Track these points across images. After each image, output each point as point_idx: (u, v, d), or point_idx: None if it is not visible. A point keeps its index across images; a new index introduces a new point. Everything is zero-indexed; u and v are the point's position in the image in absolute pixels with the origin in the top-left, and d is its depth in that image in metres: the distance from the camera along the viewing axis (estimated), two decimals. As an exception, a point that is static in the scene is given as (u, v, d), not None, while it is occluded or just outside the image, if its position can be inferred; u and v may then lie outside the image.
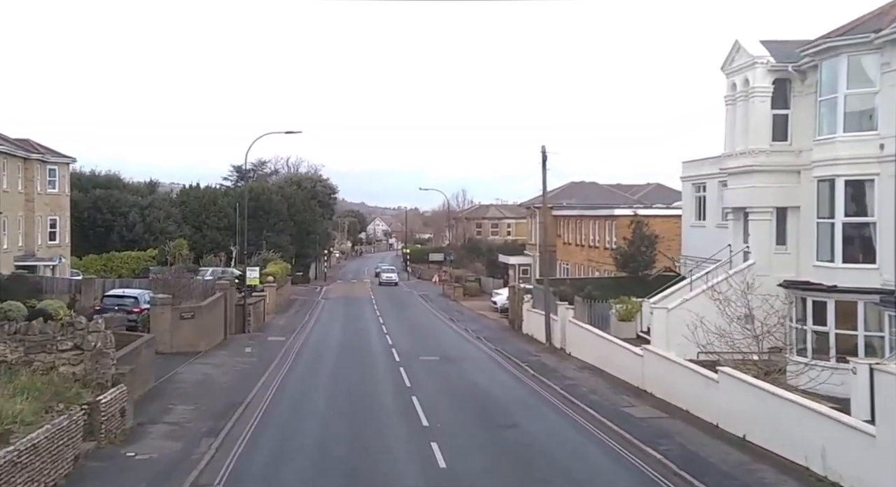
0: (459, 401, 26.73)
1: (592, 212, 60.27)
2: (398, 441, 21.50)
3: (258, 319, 49.80)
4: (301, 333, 46.92)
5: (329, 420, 23.97)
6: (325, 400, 27.13)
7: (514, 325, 48.29)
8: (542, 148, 39.65)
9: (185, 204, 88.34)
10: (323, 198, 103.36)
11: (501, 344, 41.57)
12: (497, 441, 21.55)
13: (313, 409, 25.52)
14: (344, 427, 23.20)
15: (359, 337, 45.29)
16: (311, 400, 27.04)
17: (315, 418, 24.30)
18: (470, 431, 22.52)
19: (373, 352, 39.16)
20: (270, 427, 22.98)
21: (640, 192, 72.87)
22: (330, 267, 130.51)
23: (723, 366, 24.44)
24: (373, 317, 57.67)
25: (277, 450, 20.31)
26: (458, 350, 40.40)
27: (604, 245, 56.85)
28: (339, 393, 28.25)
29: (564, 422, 23.98)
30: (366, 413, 24.98)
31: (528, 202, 74.42)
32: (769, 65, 30.98)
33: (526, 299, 44.99)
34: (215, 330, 40.06)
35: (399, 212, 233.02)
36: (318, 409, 25.55)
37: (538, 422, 23.89)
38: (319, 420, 24.07)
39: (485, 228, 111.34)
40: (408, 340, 43.62)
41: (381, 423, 23.73)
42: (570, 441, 21.76)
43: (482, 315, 59.33)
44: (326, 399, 27.28)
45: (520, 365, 34.31)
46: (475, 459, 19.63)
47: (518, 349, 39.25)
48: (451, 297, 73.87)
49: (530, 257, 72.38)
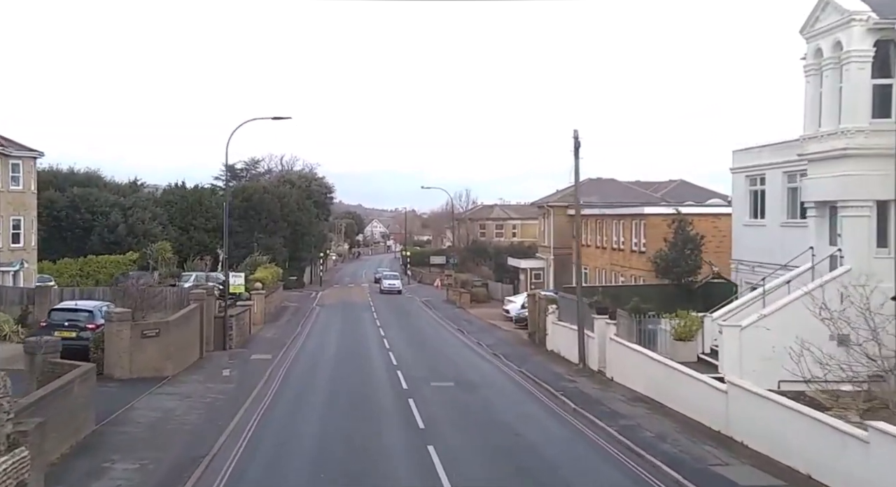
0: (490, 457, 20.04)
1: (617, 210, 53.91)
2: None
3: (242, 332, 43.33)
4: (291, 349, 40.44)
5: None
6: (314, 453, 20.51)
7: (534, 339, 41.88)
8: (574, 133, 33.20)
9: (171, 204, 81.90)
10: (319, 198, 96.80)
11: (524, 363, 35.12)
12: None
13: (297, 469, 18.94)
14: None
15: (357, 355, 38.82)
16: (294, 452, 20.46)
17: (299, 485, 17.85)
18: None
19: (374, 376, 32.65)
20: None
21: (664, 189, 66.55)
22: (326, 270, 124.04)
23: (844, 410, 18.14)
24: (372, 328, 51.22)
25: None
26: (475, 371, 33.94)
27: (630, 247, 50.48)
28: (332, 442, 21.55)
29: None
30: (368, 479, 18.39)
31: (541, 200, 68.03)
32: (870, 23, 24.61)
33: (550, 310, 38.54)
34: (187, 349, 33.57)
35: (397, 214, 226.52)
36: (302, 469, 18.97)
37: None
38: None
39: (489, 229, 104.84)
40: (415, 358, 37.20)
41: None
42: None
43: (494, 325, 52.87)
44: (315, 452, 20.64)
45: (554, 395, 27.80)
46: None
47: (546, 371, 32.76)
48: (457, 304, 67.40)
49: (543, 260, 65.93)
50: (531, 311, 42.67)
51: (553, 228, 63.19)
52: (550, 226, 63.90)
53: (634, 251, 49.45)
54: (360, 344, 42.89)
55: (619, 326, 30.05)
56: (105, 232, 70.77)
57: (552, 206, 62.97)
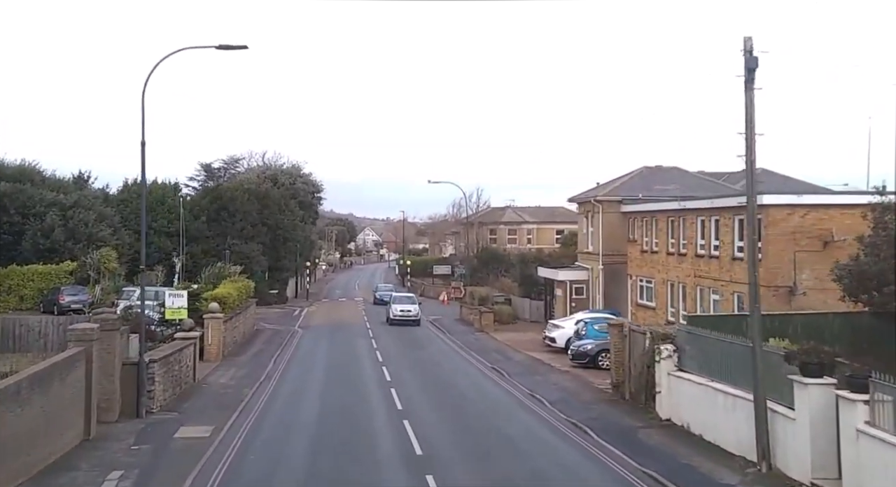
0: None
1: (704, 203, 38.75)
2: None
3: (180, 380, 28.10)
4: (248, 412, 25.04)
5: None
6: None
7: (622, 393, 26.73)
8: (746, 41, 17.98)
9: (126, 203, 66.43)
10: (305, 198, 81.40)
11: (640, 451, 19.88)
12: None
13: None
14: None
15: (353, 425, 23.44)
16: None
17: None
18: None
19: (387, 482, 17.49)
20: None
21: (742, 180, 51.48)
22: (314, 281, 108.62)
23: None
24: (373, 366, 35.89)
25: None
26: (562, 471, 18.70)
27: (732, 252, 35.27)
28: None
29: None
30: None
31: (582, 194, 52.74)
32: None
33: (664, 352, 23.26)
34: (46, 435, 18.21)
35: (389, 223, 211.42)
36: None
37: None
38: None
39: (500, 234, 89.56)
40: (449, 435, 21.95)
41: None
42: None
43: (539, 361, 37.61)
44: None
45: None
46: None
47: (698, 480, 17.60)
48: (477, 326, 52.09)
49: (586, 271, 50.69)
50: (618, 350, 27.37)
51: (601, 229, 48.07)
52: (597, 227, 48.79)
53: (737, 259, 34.31)
54: (358, 402, 27.54)
55: (875, 409, 14.69)
56: (38, 236, 55.16)
57: (600, 201, 47.84)
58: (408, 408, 25.49)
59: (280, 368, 35.12)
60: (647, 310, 44.81)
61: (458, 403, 27.20)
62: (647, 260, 44.99)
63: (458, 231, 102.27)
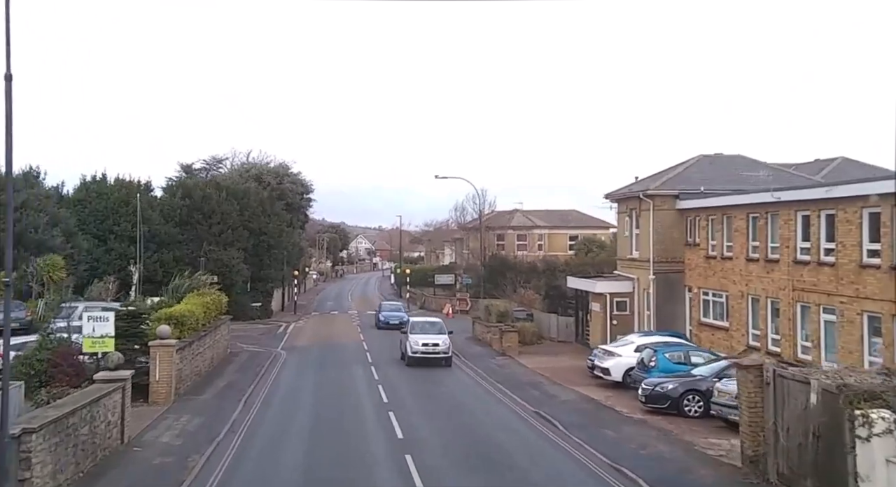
0: None
1: (808, 193, 29.31)
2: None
3: (91, 450, 18.48)
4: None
5: None
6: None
7: (763, 473, 17.22)
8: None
9: (84, 204, 56.72)
10: (293, 199, 71.61)
11: None
12: None
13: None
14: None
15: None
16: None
17: None
18: None
19: None
20: None
21: (825, 169, 42.29)
22: (304, 291, 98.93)
23: None
24: (376, 412, 26.09)
25: None
26: None
27: (860, 258, 25.75)
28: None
29: None
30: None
31: (624, 190, 43.31)
32: None
33: (878, 424, 13.65)
34: None
35: (382, 232, 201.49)
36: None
37: None
38: None
39: (509, 240, 79.97)
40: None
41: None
42: None
43: (593, 401, 28.09)
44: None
45: None
46: None
47: None
48: (498, 348, 42.54)
49: (630, 281, 41.20)
50: (753, 405, 17.77)
51: (651, 230, 38.61)
52: (646, 228, 39.34)
53: (874, 266, 24.88)
54: (358, 476, 18.05)
55: None
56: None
57: (651, 196, 38.39)
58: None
59: (251, 413, 25.54)
60: (714, 332, 35.43)
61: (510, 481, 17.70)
62: (714, 268, 35.57)
63: (461, 237, 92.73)
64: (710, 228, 36.06)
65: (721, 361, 26.76)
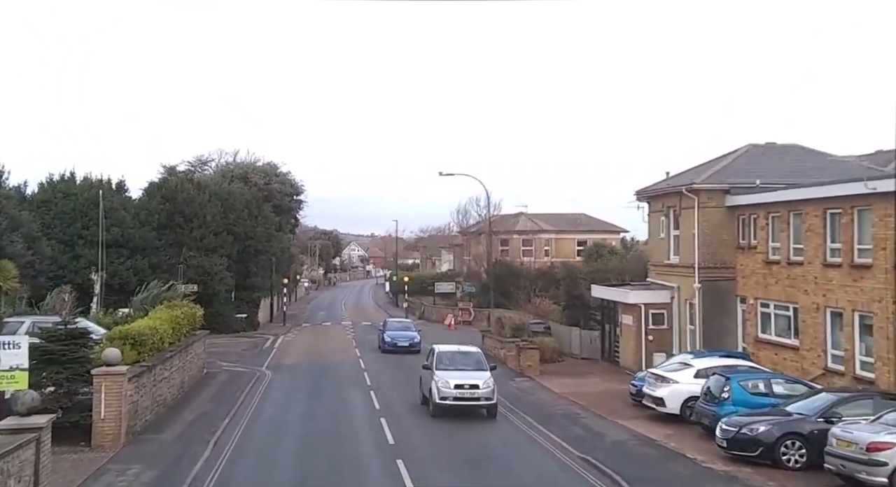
0: None
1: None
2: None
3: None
4: None
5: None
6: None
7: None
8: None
9: (48, 205, 50.65)
10: (282, 201, 65.63)
11: None
12: None
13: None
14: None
15: None
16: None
17: None
18: None
19: None
20: None
21: (893, 162, 36.54)
22: (295, 300, 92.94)
23: None
24: (381, 464, 20.16)
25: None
26: None
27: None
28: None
29: None
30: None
31: (659, 185, 37.51)
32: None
33: None
34: None
35: (375, 239, 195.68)
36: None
37: None
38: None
39: (513, 245, 74.16)
40: None
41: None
42: None
43: (651, 441, 22.24)
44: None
45: None
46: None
47: None
48: (516, 367, 36.69)
49: (669, 291, 35.39)
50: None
51: (696, 231, 32.83)
52: (689, 229, 33.54)
53: None
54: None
55: None
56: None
57: (697, 191, 32.60)
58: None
59: (220, 463, 19.59)
60: (778, 351, 29.60)
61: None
62: (777, 276, 29.78)
63: (461, 243, 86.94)
64: (772, 227, 30.28)
65: (821, 393, 20.90)
